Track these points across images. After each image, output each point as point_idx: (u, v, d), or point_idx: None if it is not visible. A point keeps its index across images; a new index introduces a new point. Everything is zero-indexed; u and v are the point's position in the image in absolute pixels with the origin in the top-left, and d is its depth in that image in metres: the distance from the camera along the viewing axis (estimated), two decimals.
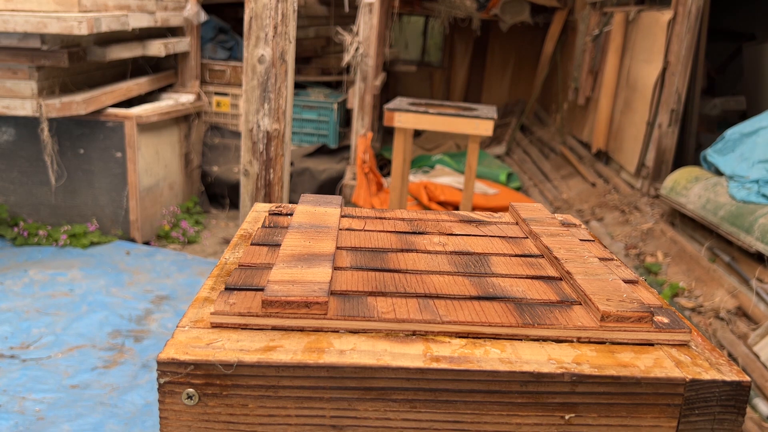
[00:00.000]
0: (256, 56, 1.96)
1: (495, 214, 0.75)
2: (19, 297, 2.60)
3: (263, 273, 0.53)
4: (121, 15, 2.95)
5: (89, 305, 2.57)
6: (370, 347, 0.44)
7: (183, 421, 0.43)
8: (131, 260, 3.08)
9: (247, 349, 0.43)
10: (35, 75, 2.82)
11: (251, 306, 0.47)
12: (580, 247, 0.62)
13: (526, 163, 5.29)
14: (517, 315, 0.48)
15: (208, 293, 0.52)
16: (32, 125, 3.07)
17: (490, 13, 5.76)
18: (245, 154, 2.09)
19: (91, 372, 2.13)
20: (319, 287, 0.48)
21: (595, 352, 0.46)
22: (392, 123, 2.61)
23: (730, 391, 0.44)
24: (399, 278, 0.54)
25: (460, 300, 0.51)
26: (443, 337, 0.46)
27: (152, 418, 1.92)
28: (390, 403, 0.43)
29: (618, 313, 0.47)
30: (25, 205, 3.25)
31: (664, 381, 0.43)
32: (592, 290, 0.51)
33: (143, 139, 3.26)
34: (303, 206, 0.70)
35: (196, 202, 3.92)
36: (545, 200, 4.34)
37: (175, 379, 0.42)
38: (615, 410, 0.44)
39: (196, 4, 3.78)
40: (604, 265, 0.58)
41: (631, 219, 3.98)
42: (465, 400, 0.43)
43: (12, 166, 3.21)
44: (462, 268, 0.57)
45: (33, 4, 2.75)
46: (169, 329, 2.43)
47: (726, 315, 2.73)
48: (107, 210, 3.27)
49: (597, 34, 4.96)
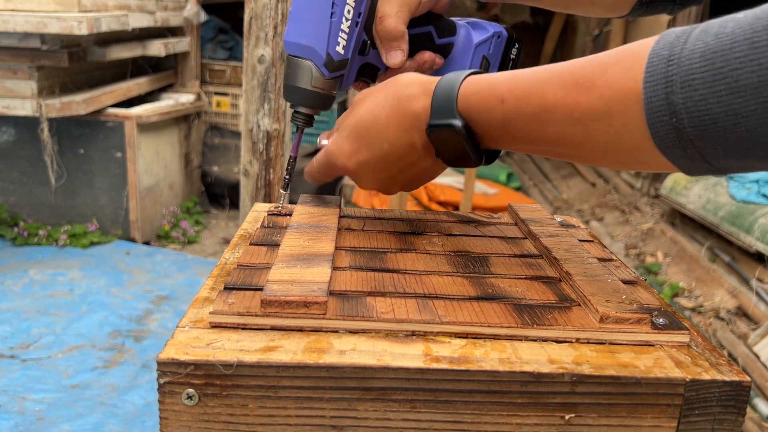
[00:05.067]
0: (256, 56, 1.96)
1: (494, 215, 0.75)
2: (19, 297, 2.60)
3: (262, 273, 0.53)
4: (121, 15, 2.95)
5: (89, 305, 2.57)
6: (370, 347, 0.44)
7: (183, 421, 0.43)
8: (131, 260, 3.08)
9: (247, 349, 0.43)
10: (35, 75, 2.82)
11: (250, 306, 0.47)
12: (580, 247, 0.62)
13: (526, 163, 5.29)
14: (516, 315, 0.48)
15: (208, 293, 0.52)
16: (32, 125, 3.07)
17: (491, 14, 5.76)
18: (245, 154, 2.10)
19: (91, 372, 2.13)
20: (318, 287, 0.48)
21: (595, 352, 0.46)
22: None
23: (730, 391, 0.44)
24: (398, 278, 0.54)
25: (459, 300, 0.51)
26: (443, 337, 0.47)
27: (152, 418, 1.92)
28: (390, 403, 0.43)
29: (617, 314, 0.47)
30: (25, 205, 3.25)
31: (664, 381, 0.43)
32: (591, 291, 0.51)
33: (143, 139, 3.26)
34: (302, 206, 0.70)
35: (196, 202, 3.92)
36: (545, 200, 4.34)
37: (175, 379, 0.42)
38: (615, 410, 0.44)
39: (196, 4, 3.78)
40: (604, 265, 0.58)
41: (631, 219, 3.98)
42: (465, 400, 0.43)
43: (12, 166, 3.20)
44: (461, 269, 0.57)
45: (33, 4, 2.75)
46: (169, 329, 2.43)
47: (726, 315, 2.73)
48: (107, 210, 3.27)
49: (597, 34, 4.96)
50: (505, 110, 0.49)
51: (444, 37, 0.67)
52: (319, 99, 0.64)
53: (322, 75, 0.62)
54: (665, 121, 0.40)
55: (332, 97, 0.65)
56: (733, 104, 0.38)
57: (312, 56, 0.61)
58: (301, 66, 0.62)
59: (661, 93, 0.40)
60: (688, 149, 0.41)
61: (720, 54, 0.38)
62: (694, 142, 0.40)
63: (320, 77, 0.62)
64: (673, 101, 0.40)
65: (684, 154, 0.41)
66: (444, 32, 0.67)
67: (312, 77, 0.62)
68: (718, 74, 0.38)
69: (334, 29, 0.60)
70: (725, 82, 0.38)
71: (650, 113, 0.41)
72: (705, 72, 0.38)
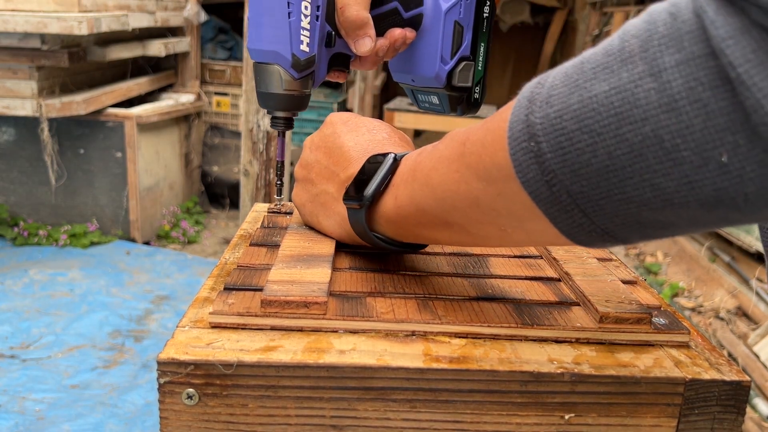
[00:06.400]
0: None
1: None
2: (19, 297, 2.60)
3: (262, 273, 0.53)
4: (121, 15, 2.95)
5: (89, 305, 2.57)
6: (369, 347, 0.45)
7: (183, 421, 0.43)
8: (131, 260, 3.08)
9: (247, 349, 0.43)
10: (35, 75, 2.82)
11: (250, 306, 0.47)
12: (579, 247, 0.62)
13: None
14: (516, 316, 0.48)
15: (208, 293, 0.52)
16: (32, 125, 3.07)
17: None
18: (245, 154, 2.10)
19: (91, 372, 2.13)
20: (318, 287, 0.48)
21: (595, 352, 0.46)
22: (392, 123, 2.62)
23: (730, 390, 0.44)
24: (398, 279, 0.54)
25: (459, 301, 0.51)
26: (443, 337, 0.47)
27: (152, 418, 1.92)
28: (390, 403, 0.43)
29: (616, 314, 0.47)
30: (25, 205, 3.25)
31: (664, 380, 0.43)
32: (590, 291, 0.51)
33: (143, 139, 3.26)
34: None
35: (196, 202, 3.92)
36: None
37: (175, 379, 0.42)
38: (615, 410, 0.44)
39: (196, 4, 3.79)
40: (603, 265, 0.58)
41: None
42: (465, 400, 0.43)
43: (12, 166, 3.21)
44: (461, 269, 0.57)
45: (33, 4, 2.75)
46: (169, 329, 2.43)
47: (726, 315, 2.73)
48: (107, 210, 3.27)
49: (597, 34, 4.96)
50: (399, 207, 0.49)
51: (411, 9, 0.66)
52: (293, 101, 0.63)
53: (291, 77, 0.61)
54: (524, 146, 0.35)
55: (307, 96, 0.64)
56: (586, 119, 0.33)
57: (278, 60, 0.61)
58: (269, 71, 0.62)
59: (522, 116, 0.36)
60: (554, 186, 0.35)
61: (578, 66, 0.35)
62: (557, 173, 0.34)
63: (290, 79, 0.62)
64: (532, 121, 0.35)
65: (553, 198, 0.35)
66: (410, 4, 0.66)
67: (282, 81, 0.62)
68: (573, 87, 0.34)
69: (294, 29, 0.60)
70: (579, 94, 0.33)
71: (512, 140, 0.36)
72: (563, 87, 0.34)
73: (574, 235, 0.37)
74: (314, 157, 0.60)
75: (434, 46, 0.67)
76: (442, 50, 0.67)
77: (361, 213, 0.52)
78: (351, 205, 0.53)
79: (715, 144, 0.30)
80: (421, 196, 0.46)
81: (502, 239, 0.43)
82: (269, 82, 0.62)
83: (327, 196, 0.58)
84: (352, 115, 0.61)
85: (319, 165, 0.59)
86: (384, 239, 0.54)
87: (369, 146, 0.56)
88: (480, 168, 0.40)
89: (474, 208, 0.42)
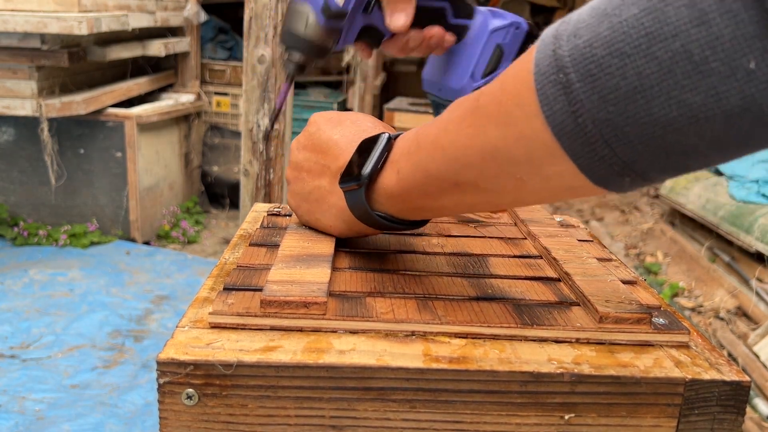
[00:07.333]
0: (256, 56, 1.96)
1: (494, 215, 0.75)
2: (19, 297, 2.60)
3: (262, 273, 0.53)
4: (121, 15, 2.95)
5: (89, 305, 2.57)
6: (369, 347, 0.44)
7: (183, 421, 0.43)
8: (131, 260, 3.08)
9: (246, 349, 0.43)
10: (35, 75, 2.82)
11: (250, 306, 0.47)
12: (579, 247, 0.62)
13: None
14: (515, 316, 0.48)
15: (207, 293, 0.52)
16: (32, 125, 3.07)
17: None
18: (245, 154, 2.10)
19: (91, 372, 2.13)
20: (317, 287, 0.48)
21: (595, 352, 0.46)
22: (392, 123, 2.62)
23: (730, 391, 0.44)
24: (397, 279, 0.54)
25: (459, 301, 0.51)
26: (443, 337, 0.47)
27: (152, 418, 1.92)
28: (390, 403, 0.43)
29: (616, 314, 0.47)
30: (25, 205, 3.25)
31: (664, 381, 0.43)
32: (590, 291, 0.51)
33: (143, 139, 3.26)
34: None
35: (196, 202, 3.92)
36: None
37: (174, 379, 0.42)
38: (615, 410, 0.44)
39: (196, 4, 3.78)
40: (603, 265, 0.58)
41: (631, 219, 3.98)
42: (464, 400, 0.43)
43: (12, 166, 3.21)
44: (461, 269, 0.57)
45: (33, 4, 2.75)
46: (169, 329, 2.43)
47: (726, 315, 2.73)
48: (107, 210, 3.27)
49: None
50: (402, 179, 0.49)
51: (459, 17, 0.67)
52: (311, 47, 0.63)
53: (317, 21, 0.61)
54: (553, 79, 0.36)
55: (326, 49, 0.64)
56: (616, 43, 0.34)
57: (310, 0, 0.61)
58: (298, 10, 0.62)
59: (549, 51, 0.37)
60: (580, 117, 0.35)
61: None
62: (585, 102, 0.35)
63: (315, 24, 0.61)
64: (560, 55, 0.36)
65: (577, 131, 0.36)
66: (460, 13, 0.67)
67: (307, 23, 0.62)
68: (602, 16, 0.35)
69: None
70: (608, 21, 0.34)
71: (538, 75, 0.37)
72: (591, 18, 0.35)
73: (594, 170, 0.37)
74: (303, 156, 0.60)
75: (470, 60, 0.67)
76: (476, 67, 0.67)
77: (360, 192, 0.52)
78: (349, 187, 0.53)
79: (744, 52, 0.31)
80: (428, 162, 0.46)
81: (516, 192, 0.43)
82: (296, 20, 0.62)
83: (321, 191, 0.58)
84: (334, 112, 0.61)
85: (308, 162, 0.59)
86: (386, 217, 0.53)
87: (356, 137, 0.56)
88: (500, 113, 0.40)
89: (489, 160, 0.42)
